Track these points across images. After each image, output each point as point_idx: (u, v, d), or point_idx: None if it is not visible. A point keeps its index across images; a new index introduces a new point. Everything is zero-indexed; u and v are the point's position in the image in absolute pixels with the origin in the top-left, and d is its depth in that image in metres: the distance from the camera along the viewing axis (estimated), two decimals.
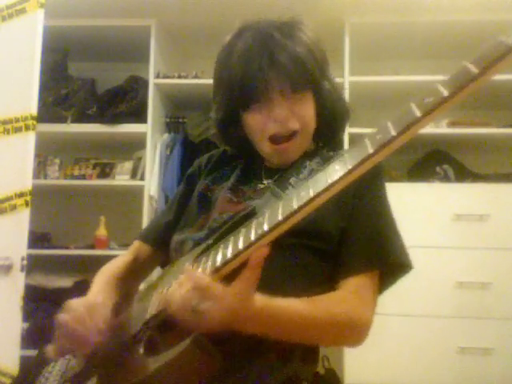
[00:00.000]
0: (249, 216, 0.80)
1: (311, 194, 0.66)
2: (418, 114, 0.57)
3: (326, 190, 0.65)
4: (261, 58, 0.93)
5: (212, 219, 0.97)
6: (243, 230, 0.74)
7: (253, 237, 0.70)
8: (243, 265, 0.72)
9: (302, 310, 0.82)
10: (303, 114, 0.97)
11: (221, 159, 1.13)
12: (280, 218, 0.68)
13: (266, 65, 0.92)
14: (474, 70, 0.54)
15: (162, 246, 1.08)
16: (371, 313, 0.90)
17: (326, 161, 0.96)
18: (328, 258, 0.93)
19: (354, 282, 0.90)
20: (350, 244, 0.92)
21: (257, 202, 0.93)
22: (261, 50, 0.93)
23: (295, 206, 0.66)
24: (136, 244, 1.17)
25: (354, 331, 0.89)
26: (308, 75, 0.94)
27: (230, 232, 0.78)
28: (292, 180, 0.96)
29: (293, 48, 0.93)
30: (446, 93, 0.56)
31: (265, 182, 1.02)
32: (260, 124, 0.98)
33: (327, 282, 0.92)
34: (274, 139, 0.98)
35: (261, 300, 0.76)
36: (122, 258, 1.14)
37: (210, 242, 0.84)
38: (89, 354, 0.89)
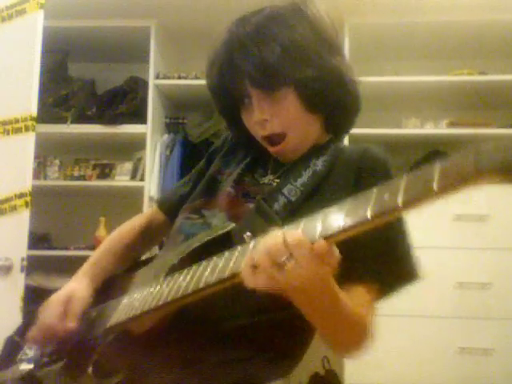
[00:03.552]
0: (223, 241, 0.83)
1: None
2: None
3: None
4: (227, 66, 0.95)
5: (193, 239, 0.93)
6: (201, 268, 0.76)
7: (201, 284, 0.73)
8: None
9: (350, 305, 0.80)
10: (284, 114, 0.95)
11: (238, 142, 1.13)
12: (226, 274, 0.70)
13: (233, 72, 0.94)
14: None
15: (175, 217, 1.09)
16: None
17: (334, 159, 0.97)
18: None
19: (364, 291, 0.87)
20: (362, 252, 0.86)
21: (240, 222, 0.91)
22: (227, 59, 0.95)
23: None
24: (153, 209, 1.21)
25: (364, 339, 0.86)
26: (273, 77, 0.91)
27: (197, 258, 0.80)
28: (286, 189, 0.93)
29: (257, 53, 0.91)
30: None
31: (265, 179, 1.01)
32: (251, 125, 0.99)
33: None
34: (268, 140, 0.98)
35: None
36: (134, 223, 1.18)
37: (175, 262, 0.86)
38: (59, 341, 0.94)
